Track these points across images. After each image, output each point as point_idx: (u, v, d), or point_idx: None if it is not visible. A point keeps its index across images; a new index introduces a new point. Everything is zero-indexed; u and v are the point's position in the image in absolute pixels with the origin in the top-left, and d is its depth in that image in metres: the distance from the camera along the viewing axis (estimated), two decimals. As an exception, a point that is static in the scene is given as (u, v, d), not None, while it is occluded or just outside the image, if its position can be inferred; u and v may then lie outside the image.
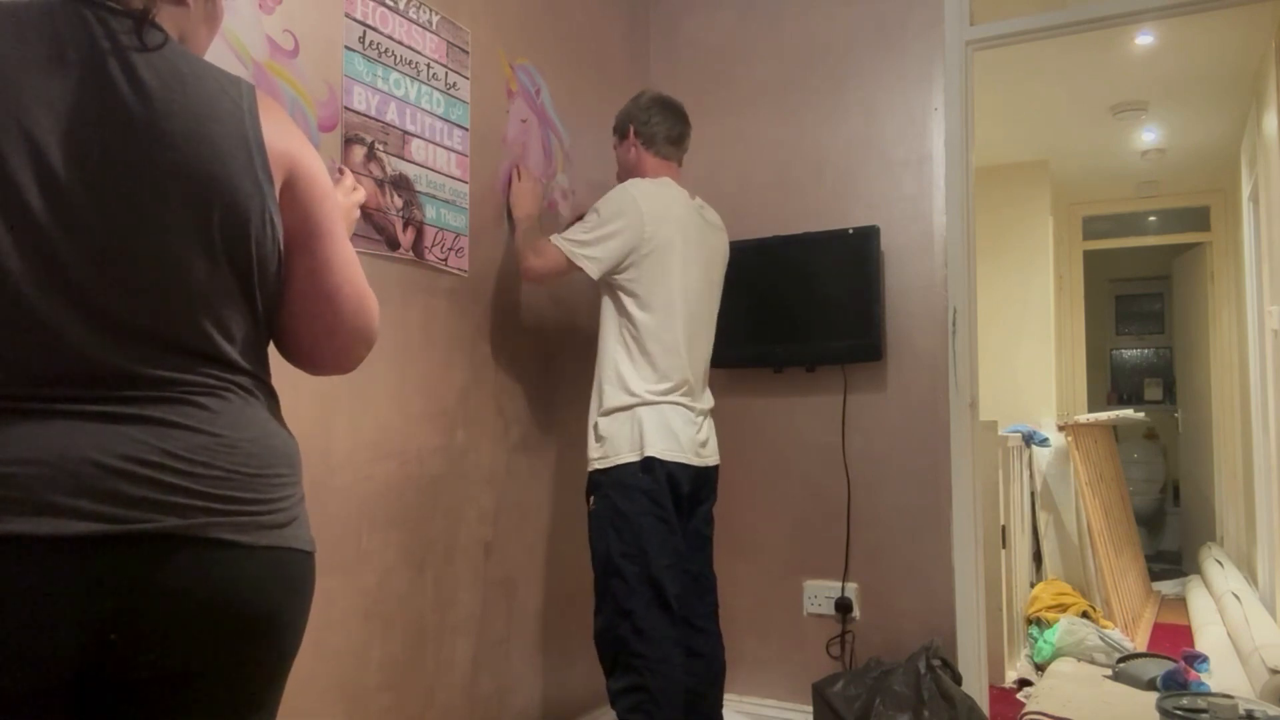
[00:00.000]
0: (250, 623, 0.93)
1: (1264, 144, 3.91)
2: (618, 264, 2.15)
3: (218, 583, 0.91)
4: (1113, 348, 7.81)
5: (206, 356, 0.94)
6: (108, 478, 0.85)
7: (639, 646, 2.07)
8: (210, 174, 0.91)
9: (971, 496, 2.66)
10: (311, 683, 1.79)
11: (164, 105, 0.90)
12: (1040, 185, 5.22)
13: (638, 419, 2.12)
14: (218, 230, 0.93)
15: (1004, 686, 3.27)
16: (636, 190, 2.18)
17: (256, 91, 0.99)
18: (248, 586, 0.93)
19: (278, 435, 1.00)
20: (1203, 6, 2.59)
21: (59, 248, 0.86)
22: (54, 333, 0.86)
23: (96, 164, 0.87)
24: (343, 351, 1.10)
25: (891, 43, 2.85)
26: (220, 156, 0.92)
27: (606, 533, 2.11)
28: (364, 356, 1.13)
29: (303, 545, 0.99)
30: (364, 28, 1.98)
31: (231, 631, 0.93)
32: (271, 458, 0.97)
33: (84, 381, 0.87)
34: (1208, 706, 2.49)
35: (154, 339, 0.90)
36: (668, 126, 2.33)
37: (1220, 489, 5.60)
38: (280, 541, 0.96)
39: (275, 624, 0.96)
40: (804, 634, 2.86)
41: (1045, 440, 4.32)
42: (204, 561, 0.90)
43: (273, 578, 0.95)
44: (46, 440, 0.85)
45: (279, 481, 0.97)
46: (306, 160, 1.02)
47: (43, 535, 0.83)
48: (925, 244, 2.76)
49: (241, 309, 0.97)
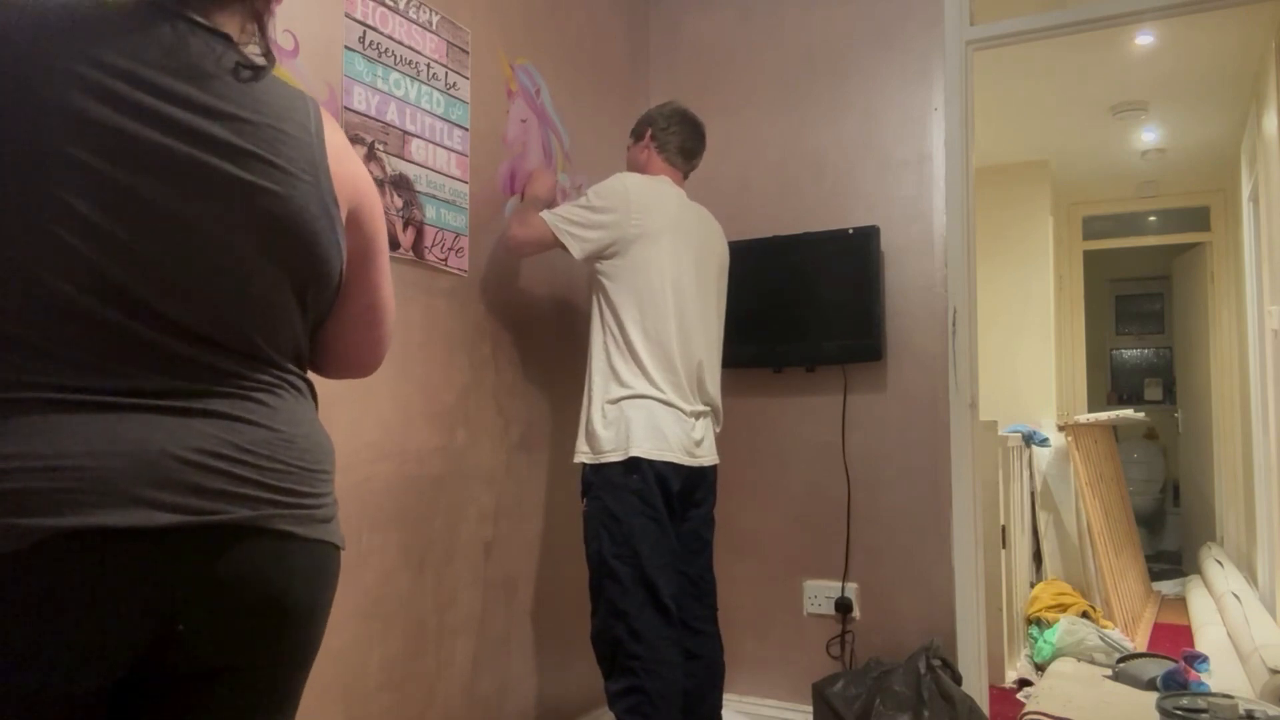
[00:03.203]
0: (294, 614, 0.95)
1: (1264, 144, 3.91)
2: (602, 249, 2.17)
3: (275, 573, 0.93)
4: (1113, 348, 7.81)
5: (265, 360, 0.97)
6: (185, 470, 0.87)
7: (635, 648, 2.06)
8: (280, 197, 0.94)
9: (971, 496, 2.66)
10: (311, 682, 1.79)
11: (238, 125, 0.91)
12: (1040, 185, 5.22)
13: (625, 417, 2.12)
14: (283, 251, 0.95)
15: (1004, 686, 3.27)
16: (629, 180, 2.20)
17: (321, 110, 1.01)
18: (298, 578, 0.95)
19: (323, 433, 1.03)
20: (1203, 6, 2.59)
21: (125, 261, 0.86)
22: (124, 334, 0.87)
23: (168, 178, 0.88)
24: (378, 358, 1.17)
25: (891, 42, 2.85)
26: (290, 179, 0.94)
27: (599, 534, 2.11)
28: (382, 362, 1.21)
29: (340, 542, 1.02)
30: (364, 28, 1.98)
31: (280, 622, 0.94)
32: (320, 454, 1.00)
33: (155, 381, 0.88)
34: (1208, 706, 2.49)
35: (217, 345, 0.92)
36: (683, 138, 2.36)
37: (1220, 489, 5.60)
38: (325, 535, 0.98)
39: (314, 616, 0.98)
40: (804, 634, 2.86)
41: (1045, 440, 4.32)
42: (266, 552, 0.92)
43: (317, 571, 0.97)
44: (122, 434, 0.85)
45: (325, 477, 1.00)
46: (367, 184, 1.06)
47: (128, 527, 0.83)
48: (925, 244, 2.76)
49: (295, 320, 1.00)
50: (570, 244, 2.17)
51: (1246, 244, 4.72)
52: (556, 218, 2.19)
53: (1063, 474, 4.42)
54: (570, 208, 2.20)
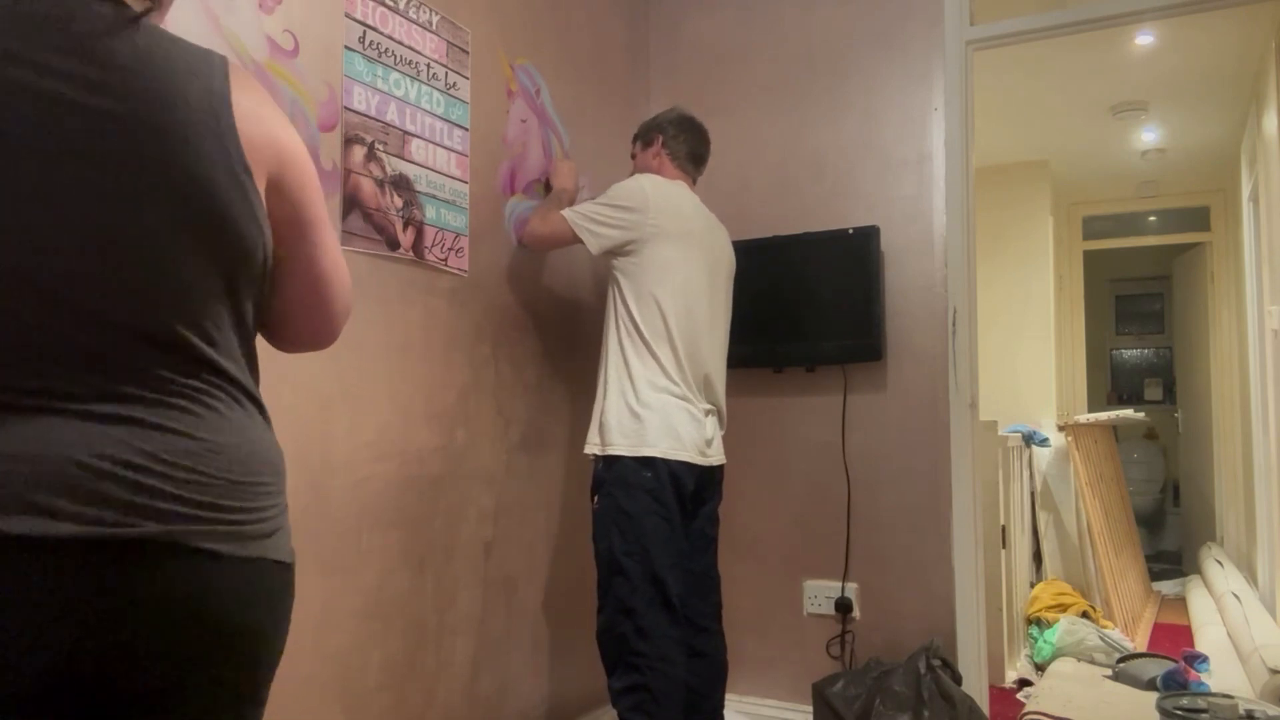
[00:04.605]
0: (228, 637, 0.90)
1: (1264, 144, 3.91)
2: (619, 246, 2.22)
3: (196, 593, 0.86)
4: (1113, 348, 7.81)
5: (191, 358, 0.90)
6: (89, 478, 0.81)
7: (641, 645, 2.07)
8: (183, 167, 0.87)
9: (971, 496, 2.66)
10: (311, 683, 1.79)
11: (135, 94, 0.85)
12: (1040, 185, 5.22)
13: (639, 414, 2.14)
14: (195, 226, 0.88)
15: (1004, 686, 3.27)
16: (647, 181, 2.27)
17: (232, 70, 0.93)
18: (228, 598, 0.89)
19: (262, 441, 0.96)
20: (1203, 6, 2.59)
21: (32, 246, 0.82)
22: (32, 330, 0.82)
23: (65, 156, 0.83)
24: (328, 333, 1.10)
25: (891, 42, 2.85)
26: (192, 148, 0.87)
27: (610, 531, 2.13)
28: (340, 333, 1.13)
29: (283, 557, 0.96)
30: (364, 28, 1.98)
31: (209, 645, 0.89)
32: (256, 465, 0.93)
33: (65, 379, 0.83)
34: (1208, 706, 2.49)
35: (135, 338, 0.86)
36: (693, 145, 2.42)
37: (1220, 489, 5.60)
38: (262, 552, 0.92)
39: (254, 638, 0.92)
40: (804, 634, 2.86)
41: (1045, 440, 4.32)
42: (183, 571, 0.86)
43: (253, 590, 0.91)
44: (26, 437, 0.81)
45: (262, 490, 0.93)
46: (291, 148, 0.97)
47: (18, 535, 0.79)
48: (925, 244, 2.76)
49: (226, 307, 0.93)
50: (588, 239, 2.23)
51: (1246, 244, 4.72)
52: (576, 214, 2.26)
53: (1063, 474, 4.42)
54: (590, 205, 2.27)
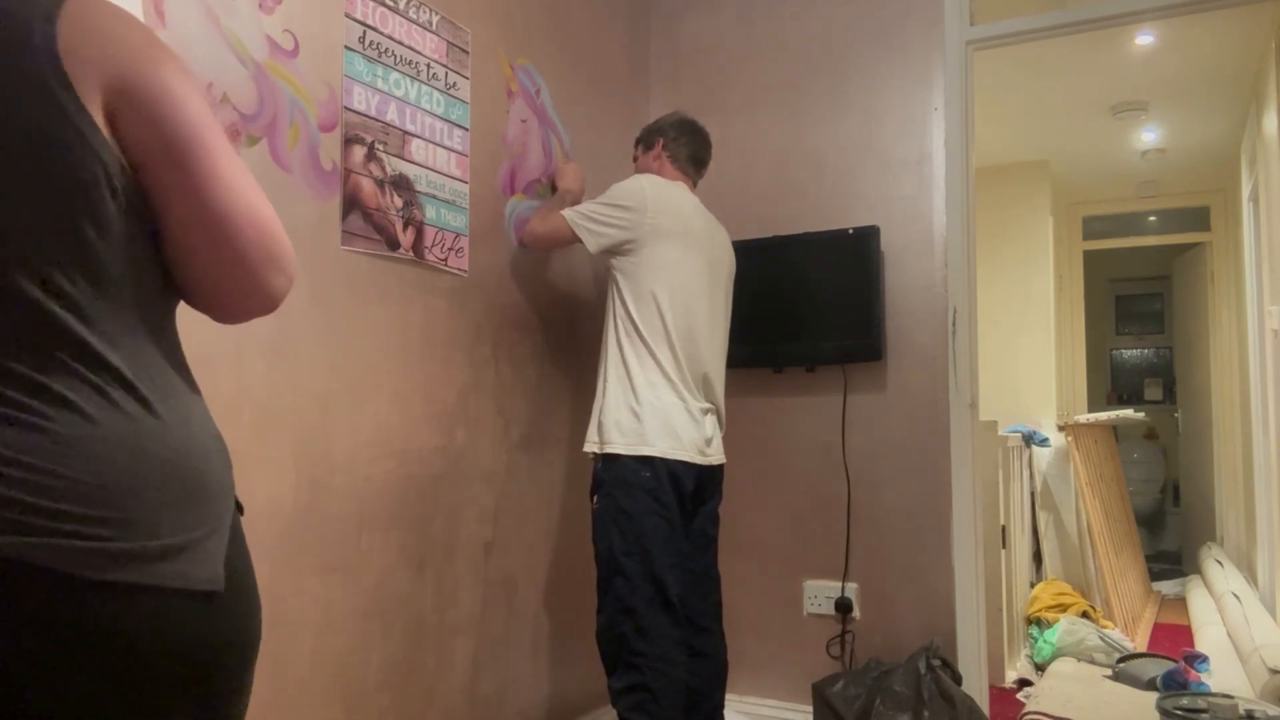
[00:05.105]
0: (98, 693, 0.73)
1: (1264, 144, 3.91)
2: (617, 245, 2.23)
3: (42, 627, 0.71)
4: (1113, 348, 7.81)
5: (56, 331, 0.76)
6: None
7: (640, 645, 2.07)
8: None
9: (971, 496, 2.66)
10: (311, 683, 1.79)
11: None
12: (1040, 185, 5.22)
13: (638, 413, 2.14)
14: (13, 158, 0.76)
15: (1004, 686, 3.27)
16: (646, 181, 2.28)
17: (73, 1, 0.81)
18: (94, 634, 0.72)
19: (154, 436, 0.79)
20: (1203, 6, 2.59)
21: None
22: None
23: None
24: (252, 287, 0.88)
25: (891, 43, 2.85)
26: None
27: (610, 531, 2.13)
28: (282, 291, 0.90)
29: (187, 583, 0.77)
30: (364, 28, 1.98)
31: (78, 701, 0.73)
32: (143, 465, 0.77)
33: None
34: (1208, 706, 2.49)
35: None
36: (694, 148, 2.43)
37: (1220, 489, 5.60)
38: (143, 578, 0.74)
39: (142, 690, 0.75)
40: (804, 634, 2.86)
41: (1045, 440, 4.32)
42: (19, 597, 0.71)
43: (124, 628, 0.74)
44: None
45: (152, 498, 0.77)
46: (141, 67, 0.82)
47: None
48: (925, 244, 2.76)
49: (75, 255, 0.78)
50: (586, 238, 2.24)
51: (1246, 244, 4.72)
52: (575, 214, 2.26)
53: (1063, 474, 4.42)
54: (589, 205, 2.28)
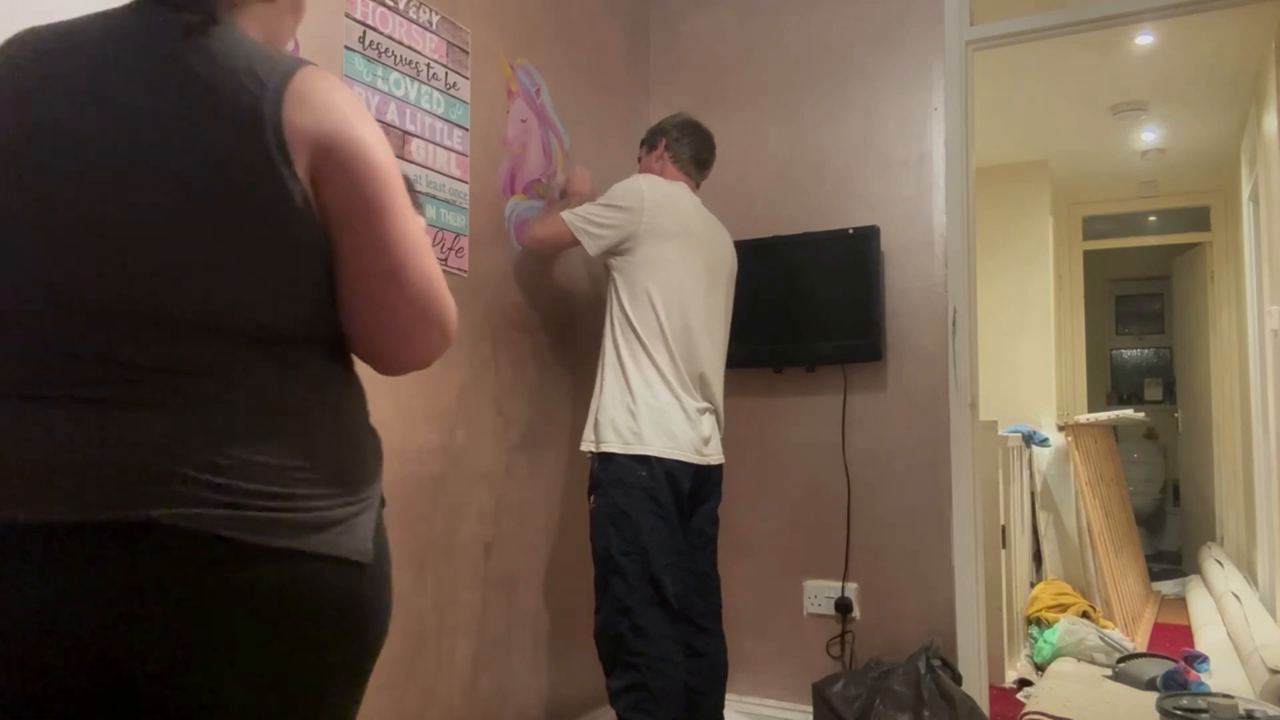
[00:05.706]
0: (265, 645, 0.84)
1: (1264, 144, 3.91)
2: (615, 245, 2.23)
3: (233, 589, 0.82)
4: (1113, 348, 7.81)
5: (245, 339, 0.88)
6: (88, 467, 0.79)
7: (638, 645, 2.07)
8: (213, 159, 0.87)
9: (971, 496, 2.66)
10: (311, 683, 1.79)
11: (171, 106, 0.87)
12: (1040, 185, 5.22)
13: (635, 412, 2.14)
14: (226, 211, 0.86)
15: (1004, 686, 3.27)
16: (645, 180, 2.28)
17: (303, 71, 0.91)
18: (267, 595, 0.84)
19: (323, 424, 0.92)
20: (1203, 6, 2.59)
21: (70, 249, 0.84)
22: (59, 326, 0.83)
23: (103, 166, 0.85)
24: (410, 339, 1.02)
25: (891, 43, 2.85)
26: (222, 137, 0.86)
27: (607, 530, 2.13)
28: (439, 349, 1.05)
29: (343, 552, 0.89)
30: (364, 28, 1.98)
31: (248, 653, 0.84)
32: (312, 449, 0.89)
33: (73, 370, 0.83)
34: (1208, 706, 2.49)
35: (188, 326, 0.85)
36: (696, 149, 2.43)
37: (1220, 489, 5.59)
38: (308, 546, 0.86)
39: (303, 646, 0.87)
40: (804, 634, 2.86)
41: (1045, 440, 4.32)
42: (206, 562, 0.81)
43: (292, 591, 0.85)
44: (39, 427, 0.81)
45: (318, 478, 0.89)
46: (346, 134, 0.91)
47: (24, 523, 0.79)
48: (925, 244, 2.76)
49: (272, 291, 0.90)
50: (585, 240, 2.23)
51: (1246, 244, 4.72)
52: (574, 216, 2.26)
53: (1063, 474, 4.42)
54: (589, 206, 2.27)
